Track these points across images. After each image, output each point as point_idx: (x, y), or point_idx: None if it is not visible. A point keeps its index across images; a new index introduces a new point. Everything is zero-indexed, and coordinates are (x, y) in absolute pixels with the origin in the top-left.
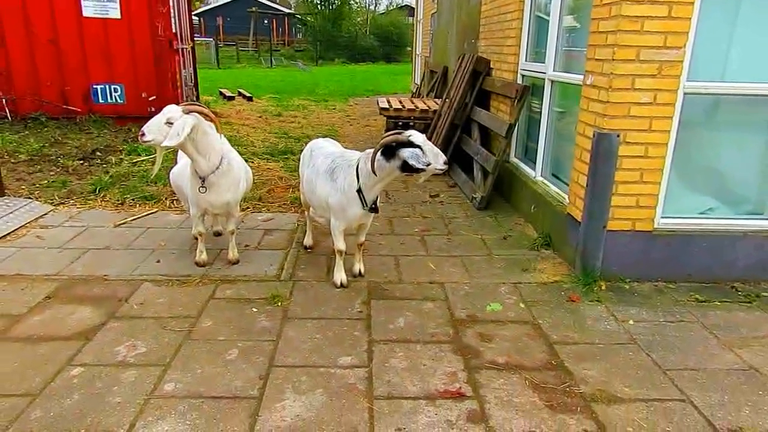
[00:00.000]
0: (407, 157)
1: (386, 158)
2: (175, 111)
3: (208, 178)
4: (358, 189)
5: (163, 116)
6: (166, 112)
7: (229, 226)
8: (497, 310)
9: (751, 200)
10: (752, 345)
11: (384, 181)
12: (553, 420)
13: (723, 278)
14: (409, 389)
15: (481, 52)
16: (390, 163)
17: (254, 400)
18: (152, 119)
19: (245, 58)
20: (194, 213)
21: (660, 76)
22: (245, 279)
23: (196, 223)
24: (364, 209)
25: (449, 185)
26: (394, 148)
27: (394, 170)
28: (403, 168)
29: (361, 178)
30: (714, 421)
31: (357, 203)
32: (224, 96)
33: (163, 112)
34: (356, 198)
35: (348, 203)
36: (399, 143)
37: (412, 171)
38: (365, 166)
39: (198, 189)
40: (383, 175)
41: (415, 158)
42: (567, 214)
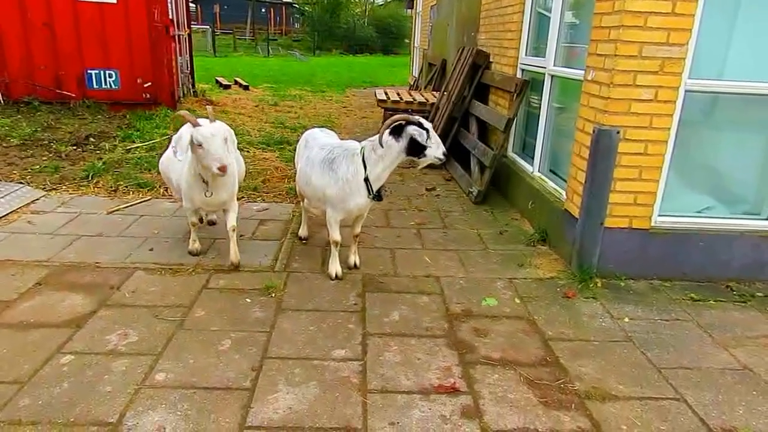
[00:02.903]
0: (414, 134)
1: (395, 137)
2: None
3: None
4: (365, 177)
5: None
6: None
7: (229, 221)
8: (492, 305)
9: (748, 200)
10: (747, 345)
11: (391, 166)
12: (547, 416)
13: (718, 277)
14: (403, 383)
15: (481, 45)
16: (398, 142)
17: (247, 391)
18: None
19: (242, 46)
20: (188, 207)
21: (662, 73)
22: (239, 269)
23: (189, 215)
24: (369, 197)
25: (446, 179)
26: (403, 126)
27: (401, 151)
28: (408, 148)
29: (368, 166)
30: (708, 420)
31: (362, 192)
32: (220, 84)
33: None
34: (362, 187)
35: (351, 193)
36: (408, 122)
37: (416, 153)
38: (373, 153)
39: (204, 194)
40: (391, 156)
41: (420, 137)
42: (564, 210)
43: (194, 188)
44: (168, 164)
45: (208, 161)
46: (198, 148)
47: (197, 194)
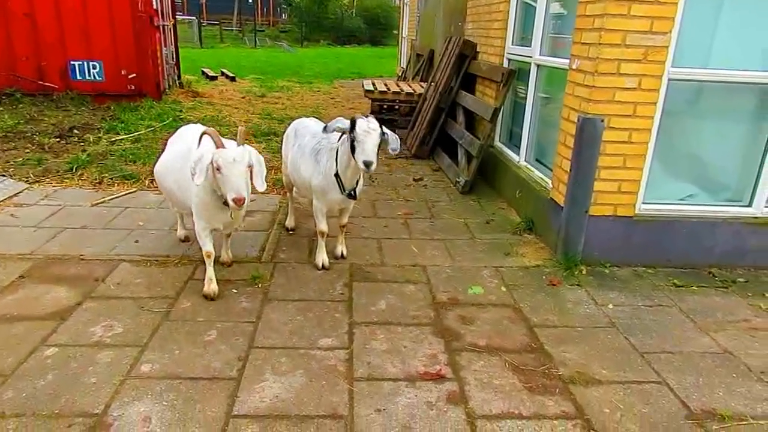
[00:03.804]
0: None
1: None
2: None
3: None
4: (336, 173)
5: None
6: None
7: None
8: (479, 293)
9: (730, 188)
10: (727, 329)
11: (349, 163)
12: (531, 401)
13: (701, 264)
14: (389, 371)
15: (468, 35)
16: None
17: (233, 381)
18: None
19: (229, 37)
20: (203, 227)
21: (645, 62)
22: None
23: (204, 241)
24: (343, 194)
25: (433, 169)
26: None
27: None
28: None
29: (338, 162)
30: (689, 403)
31: (336, 188)
32: (207, 75)
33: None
34: (335, 182)
35: (328, 187)
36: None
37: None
38: (341, 148)
39: (231, 214)
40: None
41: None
42: (550, 199)
43: (211, 207)
44: (166, 170)
45: (224, 189)
46: (216, 172)
47: (217, 213)
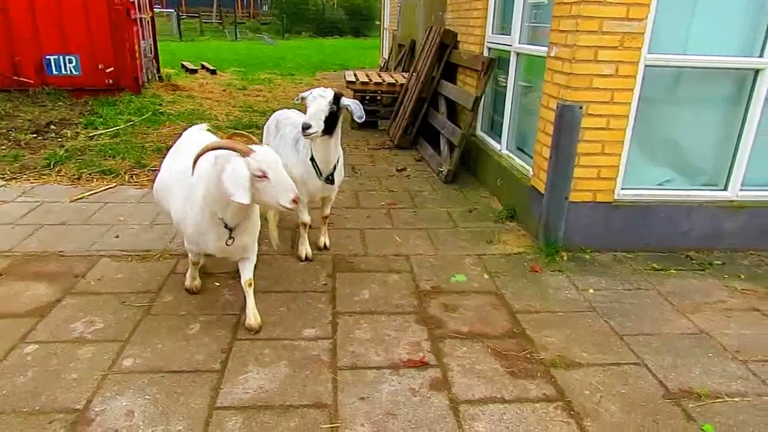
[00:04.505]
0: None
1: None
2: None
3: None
4: (311, 158)
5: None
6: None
7: (246, 272)
8: (462, 281)
9: (706, 172)
10: (704, 310)
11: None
12: (513, 385)
13: (679, 247)
14: (373, 359)
15: (449, 25)
16: None
17: (216, 373)
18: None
19: (209, 30)
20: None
21: (622, 48)
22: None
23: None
24: (320, 179)
25: (416, 159)
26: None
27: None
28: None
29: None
30: (666, 383)
31: (314, 174)
32: (186, 69)
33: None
34: (312, 168)
35: (307, 173)
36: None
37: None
38: None
39: (226, 241)
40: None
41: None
42: (531, 187)
43: (208, 233)
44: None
45: (276, 195)
46: (259, 181)
47: (212, 241)
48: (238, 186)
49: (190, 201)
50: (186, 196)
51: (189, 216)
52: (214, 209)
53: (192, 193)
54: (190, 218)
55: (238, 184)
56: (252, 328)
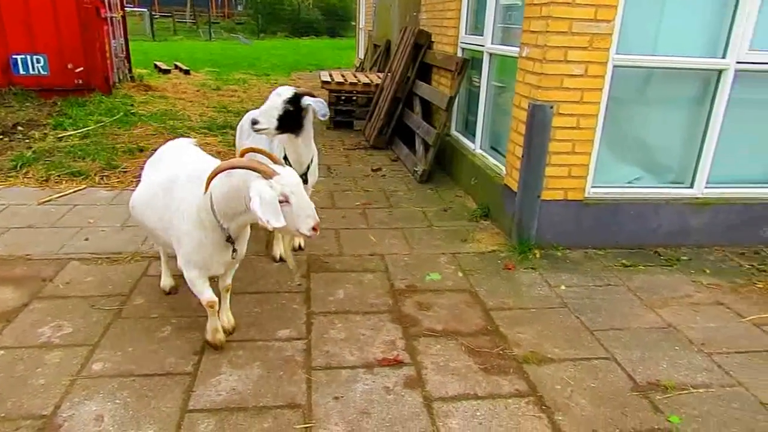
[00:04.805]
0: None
1: None
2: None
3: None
4: (284, 156)
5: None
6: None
7: (227, 278)
8: (436, 280)
9: (673, 170)
10: (671, 305)
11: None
12: (487, 382)
13: (647, 244)
14: (347, 359)
15: (423, 26)
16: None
17: (188, 376)
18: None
19: (182, 30)
20: (196, 276)
21: (591, 49)
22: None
23: (201, 290)
24: None
25: (391, 159)
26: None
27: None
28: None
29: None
30: (635, 376)
31: None
32: (159, 69)
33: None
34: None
35: None
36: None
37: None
38: None
39: (231, 256)
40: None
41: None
42: (504, 185)
43: (212, 249)
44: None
45: (295, 221)
46: (282, 205)
47: (217, 256)
48: (272, 211)
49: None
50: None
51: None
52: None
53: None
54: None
55: (271, 208)
56: (226, 330)
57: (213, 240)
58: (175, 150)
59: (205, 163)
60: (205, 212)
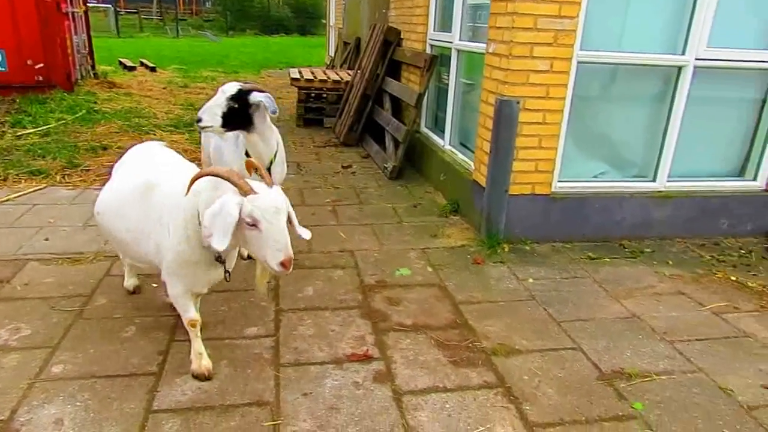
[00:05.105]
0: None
1: None
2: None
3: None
4: (246, 152)
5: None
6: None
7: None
8: (406, 275)
9: (637, 164)
10: (635, 295)
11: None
12: (456, 374)
13: (613, 237)
14: (316, 355)
15: (392, 22)
16: None
17: (153, 376)
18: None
19: (149, 27)
20: (180, 293)
21: (556, 45)
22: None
23: (184, 307)
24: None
25: (362, 156)
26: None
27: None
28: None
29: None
30: (600, 365)
31: None
32: (124, 66)
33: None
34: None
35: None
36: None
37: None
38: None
39: (225, 277)
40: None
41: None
42: (473, 181)
43: (197, 267)
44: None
45: (262, 251)
46: (251, 229)
47: (204, 275)
48: (220, 228)
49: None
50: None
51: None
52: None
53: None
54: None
55: (221, 226)
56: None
57: (200, 258)
58: (146, 153)
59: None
60: (192, 227)
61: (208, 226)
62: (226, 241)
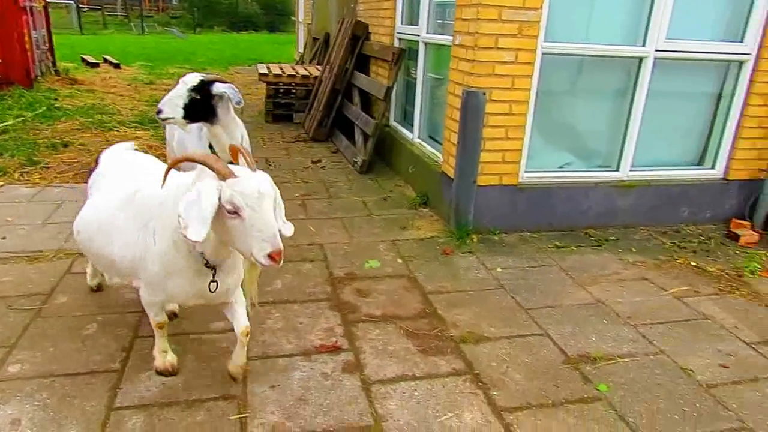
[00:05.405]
0: None
1: None
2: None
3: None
4: (209, 144)
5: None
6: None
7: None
8: (375, 267)
9: (601, 154)
10: (600, 282)
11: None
12: (425, 363)
13: (578, 225)
14: (284, 347)
15: (360, 17)
16: None
17: (115, 373)
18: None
19: (113, 24)
20: (156, 302)
21: (520, 36)
22: None
23: (155, 312)
24: None
25: (331, 151)
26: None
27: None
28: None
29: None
30: (566, 350)
31: None
32: (87, 63)
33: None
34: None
35: None
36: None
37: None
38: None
39: (209, 285)
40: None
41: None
42: (441, 173)
43: (182, 275)
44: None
45: (247, 242)
46: (232, 217)
47: (188, 285)
48: (196, 217)
49: (151, 230)
50: (142, 224)
51: (151, 251)
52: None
53: (155, 218)
54: (154, 253)
55: (197, 213)
56: (236, 375)
57: (187, 266)
58: (122, 162)
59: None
60: (178, 232)
61: (184, 216)
62: (203, 230)
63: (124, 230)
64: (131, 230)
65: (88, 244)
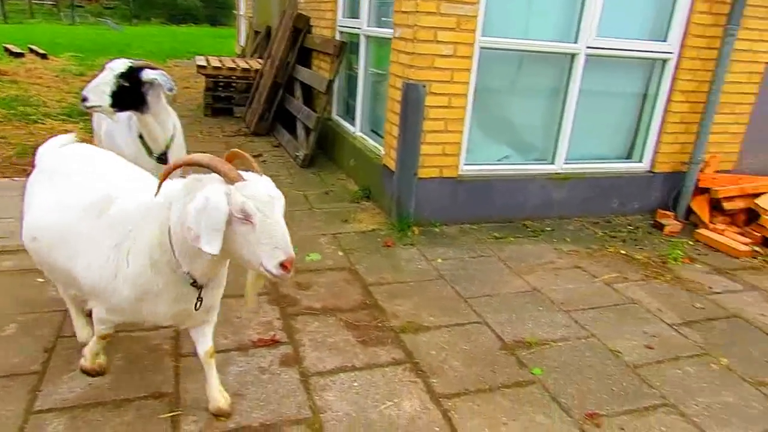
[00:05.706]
0: None
1: None
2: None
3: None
4: (140, 134)
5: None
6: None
7: (205, 340)
8: (316, 260)
9: (538, 148)
10: (537, 271)
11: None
12: (365, 353)
13: (516, 217)
14: (220, 342)
15: (302, 9)
16: None
17: (36, 375)
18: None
19: (40, 12)
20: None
21: (459, 30)
22: None
23: (108, 327)
24: (152, 158)
25: (273, 145)
26: None
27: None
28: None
29: None
30: (503, 336)
31: (143, 152)
32: (10, 52)
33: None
34: (140, 145)
35: (138, 152)
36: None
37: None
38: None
39: (195, 305)
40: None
41: None
42: (383, 166)
43: (158, 299)
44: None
45: (257, 252)
46: (241, 224)
47: (165, 308)
48: (208, 226)
49: (125, 251)
50: (114, 243)
51: (123, 273)
52: (178, 259)
53: (131, 237)
54: (128, 276)
55: (208, 223)
56: (223, 412)
57: (165, 288)
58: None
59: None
60: (159, 250)
61: (194, 227)
62: (217, 241)
63: (93, 245)
64: (102, 247)
65: (46, 255)
